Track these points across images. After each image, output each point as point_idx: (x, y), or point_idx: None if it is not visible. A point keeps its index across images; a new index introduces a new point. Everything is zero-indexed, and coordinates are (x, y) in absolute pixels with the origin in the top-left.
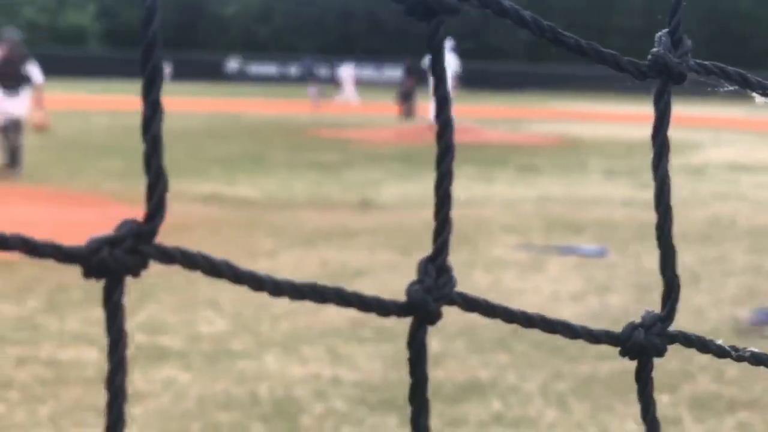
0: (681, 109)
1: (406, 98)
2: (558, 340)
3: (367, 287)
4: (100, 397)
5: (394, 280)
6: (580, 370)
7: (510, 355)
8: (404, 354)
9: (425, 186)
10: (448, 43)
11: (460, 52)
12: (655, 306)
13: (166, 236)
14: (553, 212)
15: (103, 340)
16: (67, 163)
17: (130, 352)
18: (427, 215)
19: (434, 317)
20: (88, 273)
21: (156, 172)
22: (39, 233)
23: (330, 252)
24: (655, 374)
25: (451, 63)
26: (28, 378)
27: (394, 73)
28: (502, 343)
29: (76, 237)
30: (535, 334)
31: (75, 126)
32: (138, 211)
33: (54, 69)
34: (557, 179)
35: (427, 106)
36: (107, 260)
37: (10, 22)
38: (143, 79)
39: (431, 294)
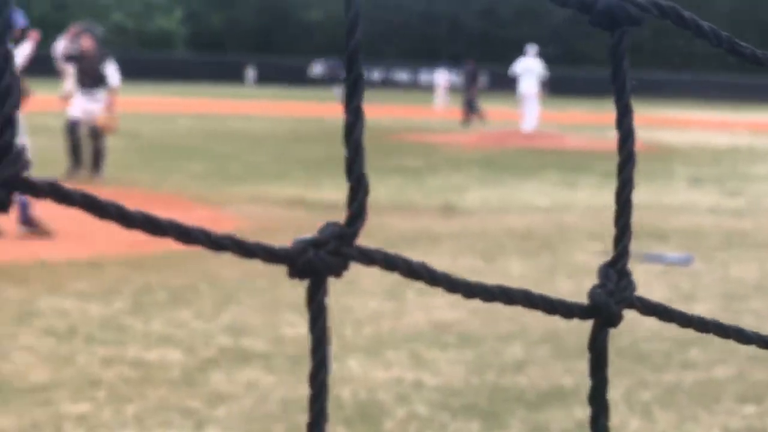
0: None
1: (469, 104)
2: (642, 347)
3: (446, 293)
4: (185, 397)
5: None
6: (664, 378)
7: None
8: (486, 359)
9: (507, 191)
10: (533, 49)
11: (546, 57)
12: (743, 314)
13: (256, 235)
14: (638, 219)
15: (188, 341)
16: (152, 166)
17: (213, 353)
18: (508, 221)
19: (616, 320)
20: (294, 273)
21: (357, 177)
22: (129, 236)
23: (413, 256)
24: (741, 385)
25: (537, 68)
26: (114, 378)
27: (442, 77)
28: (586, 350)
29: (163, 240)
30: (620, 341)
31: (161, 129)
32: (219, 214)
33: (141, 72)
34: (642, 186)
35: (507, 113)
36: (312, 261)
37: (100, 24)
38: (346, 86)
39: (613, 297)
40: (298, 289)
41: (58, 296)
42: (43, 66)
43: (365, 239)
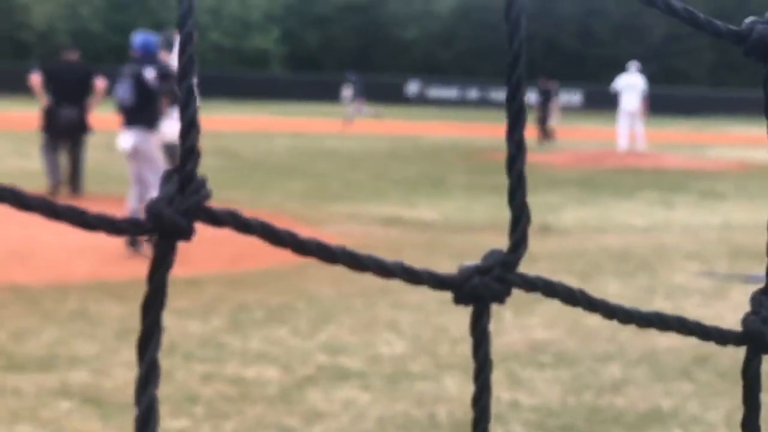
0: None
1: (543, 122)
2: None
3: (546, 312)
4: (282, 414)
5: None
6: (766, 400)
7: (693, 384)
8: (583, 380)
9: (604, 211)
10: (635, 65)
11: (646, 75)
12: None
13: None
14: (737, 239)
15: (285, 359)
16: (251, 185)
17: (310, 371)
18: (605, 240)
19: None
20: (459, 299)
21: (520, 206)
22: (235, 254)
23: None
24: None
25: (639, 84)
26: (212, 394)
27: (573, 97)
28: (685, 372)
29: (268, 257)
30: (721, 362)
31: (258, 147)
32: (319, 233)
33: (239, 91)
34: (741, 205)
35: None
36: (477, 287)
37: (196, 44)
38: (508, 118)
39: (767, 325)
40: (395, 308)
41: None
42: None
43: (459, 258)
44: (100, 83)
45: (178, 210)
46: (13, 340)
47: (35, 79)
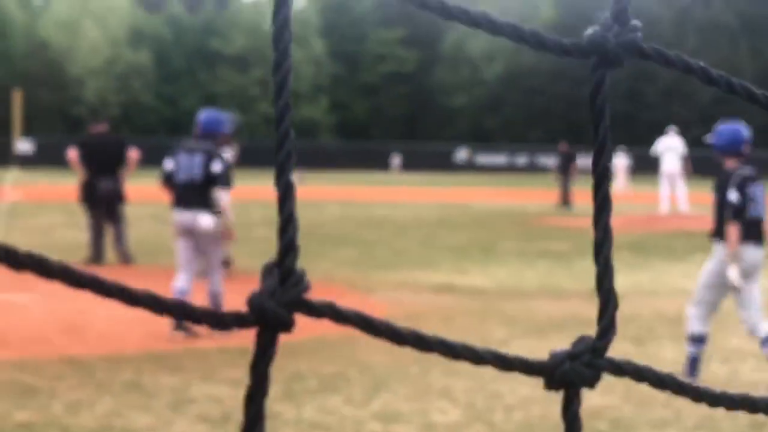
0: None
1: (563, 187)
2: None
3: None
4: None
5: None
6: None
7: None
8: None
9: (656, 275)
10: (673, 129)
11: (692, 139)
12: None
13: (404, 322)
14: None
15: (339, 427)
16: (302, 253)
17: None
18: (658, 304)
19: None
20: (550, 385)
21: (607, 291)
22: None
23: (562, 342)
24: None
25: (678, 146)
26: None
27: (621, 161)
28: None
29: (320, 326)
30: None
31: (309, 216)
32: (369, 301)
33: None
34: None
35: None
36: (568, 373)
37: (246, 115)
38: (594, 206)
39: None
40: (449, 376)
41: (211, 383)
42: None
43: (511, 324)
44: (133, 154)
45: (279, 303)
46: (68, 412)
47: (72, 153)
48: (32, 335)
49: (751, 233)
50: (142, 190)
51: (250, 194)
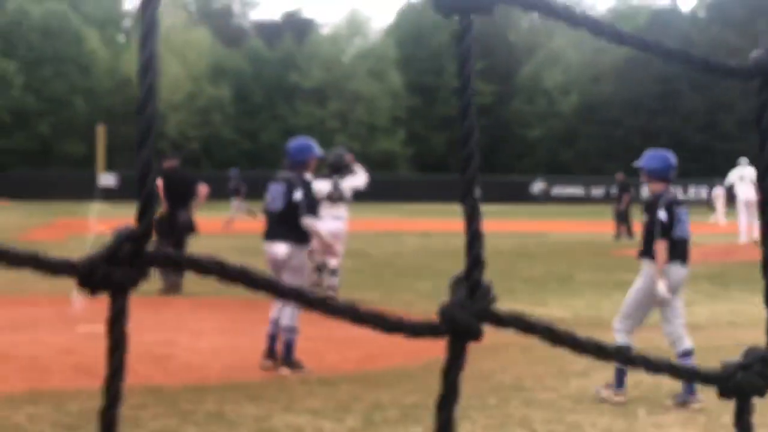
0: None
1: (621, 217)
2: None
3: (678, 411)
4: None
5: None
6: None
7: None
8: None
9: (736, 306)
10: (744, 159)
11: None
12: None
13: (479, 358)
14: None
15: None
16: (382, 284)
17: None
18: (739, 335)
19: None
20: (723, 393)
21: None
22: (358, 353)
23: (641, 372)
24: None
25: (751, 175)
26: None
27: (700, 191)
28: None
29: (399, 355)
30: None
31: (388, 247)
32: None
33: (367, 193)
34: None
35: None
36: (741, 382)
37: (325, 148)
38: (761, 229)
39: None
40: (528, 405)
41: (293, 413)
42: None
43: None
44: (203, 189)
45: (469, 313)
46: None
47: (158, 182)
48: None
49: (678, 252)
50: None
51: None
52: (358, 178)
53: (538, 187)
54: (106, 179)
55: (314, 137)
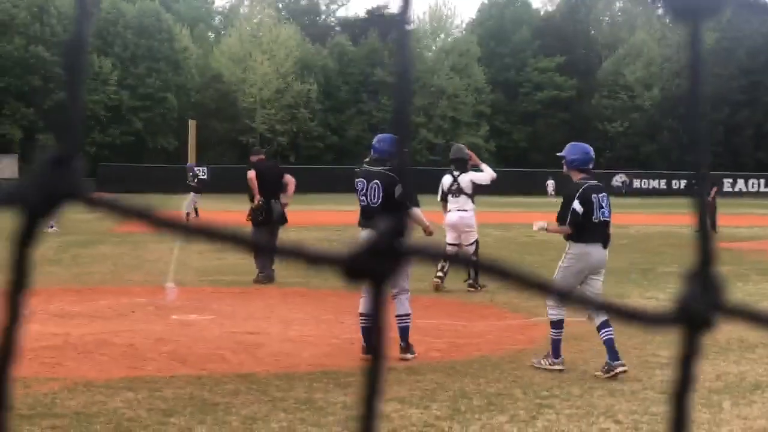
0: None
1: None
2: None
3: (764, 403)
4: None
5: None
6: None
7: None
8: None
9: None
10: None
11: None
12: None
13: (563, 349)
14: None
15: None
16: (464, 275)
17: None
18: None
19: None
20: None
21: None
22: (443, 344)
23: (726, 364)
24: None
25: None
26: None
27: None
28: None
29: (484, 345)
30: None
31: None
32: (530, 322)
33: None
34: None
35: None
36: None
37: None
38: None
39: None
40: (612, 396)
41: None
42: None
43: (673, 346)
44: (291, 181)
45: (705, 305)
46: (245, 427)
47: (252, 174)
48: (209, 353)
49: (599, 235)
50: (311, 215)
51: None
52: (481, 175)
53: (619, 180)
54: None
55: None
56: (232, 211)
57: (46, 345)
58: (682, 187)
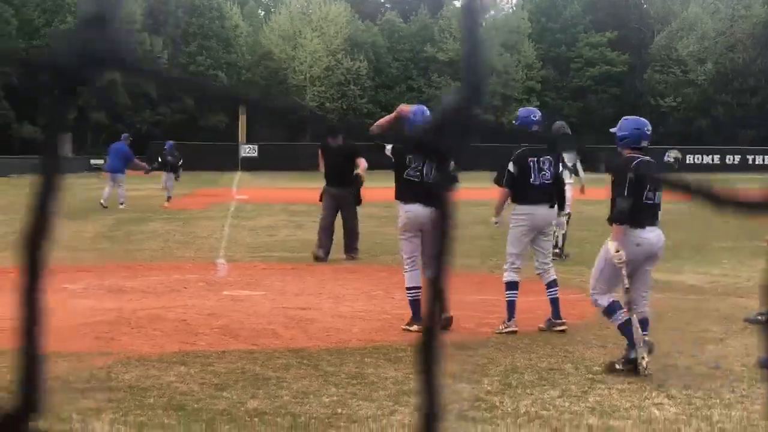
0: None
1: None
2: None
3: None
4: None
5: None
6: None
7: None
8: None
9: None
10: None
11: None
12: None
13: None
14: None
15: (557, 421)
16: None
17: None
18: None
19: None
20: None
21: None
22: (493, 320)
23: None
24: None
25: None
26: None
27: None
28: None
29: (535, 321)
30: None
31: None
32: (585, 296)
33: (499, 163)
34: None
35: None
36: None
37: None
38: None
39: None
40: (665, 371)
41: None
42: None
43: (726, 323)
44: (362, 162)
45: None
46: (296, 401)
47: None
48: (261, 328)
49: (543, 197)
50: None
51: (463, 194)
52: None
53: (671, 156)
54: (247, 150)
55: None
56: (280, 189)
57: (100, 320)
58: (736, 162)
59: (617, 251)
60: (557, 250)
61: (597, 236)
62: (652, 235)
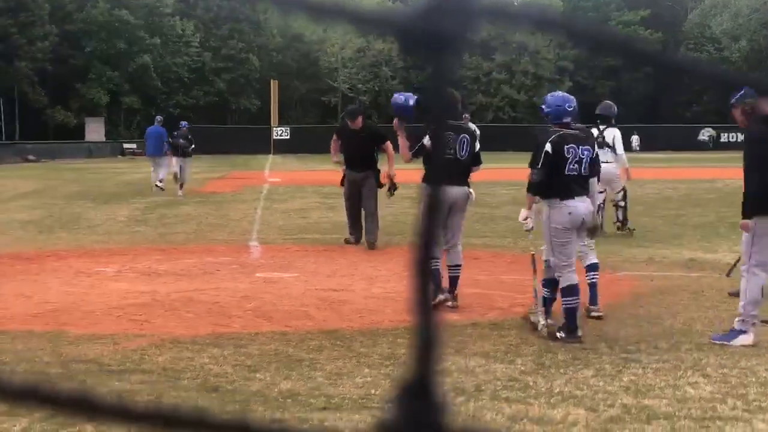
0: None
1: None
2: None
3: None
4: None
5: None
6: None
7: None
8: None
9: None
10: None
11: None
12: None
13: (648, 303)
14: None
15: (590, 400)
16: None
17: (617, 412)
18: None
19: None
20: None
21: None
22: (526, 301)
23: None
24: None
25: None
26: None
27: None
28: None
29: (558, 304)
30: None
31: None
32: (616, 277)
33: (529, 143)
34: None
35: None
36: None
37: (490, 98)
38: None
39: None
40: (699, 351)
41: (464, 356)
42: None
43: (764, 299)
44: (389, 147)
45: None
46: (330, 382)
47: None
48: (294, 310)
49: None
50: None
51: (495, 175)
52: (617, 152)
53: (706, 134)
54: (280, 132)
55: (480, 89)
56: (312, 171)
57: (133, 302)
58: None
59: (525, 218)
60: (618, 223)
61: (635, 214)
62: (581, 204)
